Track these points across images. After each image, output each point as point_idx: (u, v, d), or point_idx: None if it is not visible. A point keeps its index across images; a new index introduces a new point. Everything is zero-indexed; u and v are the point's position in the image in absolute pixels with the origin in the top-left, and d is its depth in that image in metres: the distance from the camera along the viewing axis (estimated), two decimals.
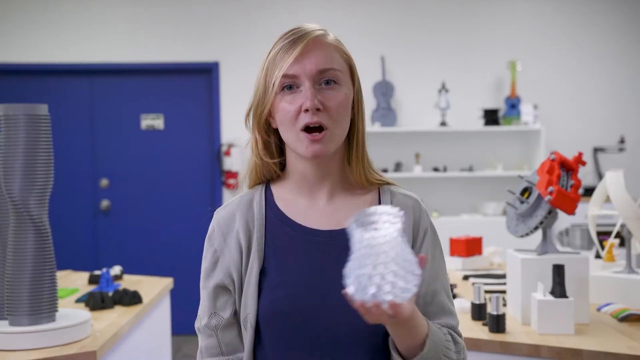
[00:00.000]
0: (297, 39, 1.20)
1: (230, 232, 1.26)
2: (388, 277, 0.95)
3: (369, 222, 1.00)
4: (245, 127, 1.29)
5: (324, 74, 1.20)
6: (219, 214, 1.29)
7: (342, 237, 1.18)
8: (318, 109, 1.18)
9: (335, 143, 1.21)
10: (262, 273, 1.22)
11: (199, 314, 1.31)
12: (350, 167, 1.27)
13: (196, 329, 1.31)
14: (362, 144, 1.27)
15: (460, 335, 1.25)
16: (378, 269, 0.96)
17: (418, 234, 1.24)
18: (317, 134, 1.18)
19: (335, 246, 1.22)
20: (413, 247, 1.23)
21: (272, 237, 1.24)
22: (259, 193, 1.29)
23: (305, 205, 1.27)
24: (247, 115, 1.27)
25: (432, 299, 1.23)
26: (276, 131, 1.26)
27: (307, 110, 1.18)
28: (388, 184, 1.31)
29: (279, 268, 1.22)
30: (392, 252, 0.96)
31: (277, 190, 1.29)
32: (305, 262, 1.22)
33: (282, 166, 1.31)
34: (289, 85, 1.20)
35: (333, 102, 1.19)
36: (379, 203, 1.27)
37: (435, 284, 1.24)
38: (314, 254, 1.22)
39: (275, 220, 1.26)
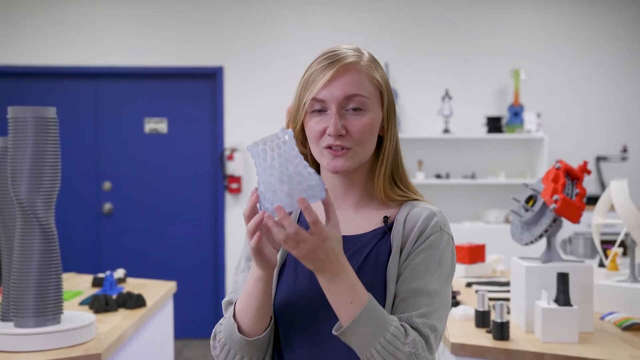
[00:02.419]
0: (330, 63, 1.26)
1: None
2: (275, 187, 1.08)
3: (262, 148, 1.11)
4: None
5: (350, 100, 1.26)
6: None
7: (355, 241, 1.29)
8: (341, 135, 1.25)
9: (358, 160, 1.28)
10: (282, 268, 1.32)
11: (231, 290, 1.37)
12: (374, 182, 1.33)
13: (225, 303, 1.36)
14: (387, 163, 1.32)
15: (422, 332, 1.19)
16: (272, 180, 1.08)
17: (418, 240, 1.26)
18: (339, 150, 1.26)
19: (345, 250, 1.27)
20: (410, 251, 1.26)
21: None
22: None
23: None
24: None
25: (408, 296, 1.22)
26: None
27: (330, 135, 1.25)
28: (415, 199, 1.34)
29: (293, 267, 1.30)
30: (285, 164, 1.08)
31: None
32: None
33: None
34: (319, 109, 1.27)
35: (357, 128, 1.26)
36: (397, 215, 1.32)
37: (416, 284, 1.22)
38: None
39: (305, 223, 1.34)
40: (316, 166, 1.39)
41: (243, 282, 1.34)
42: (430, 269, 1.24)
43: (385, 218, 1.31)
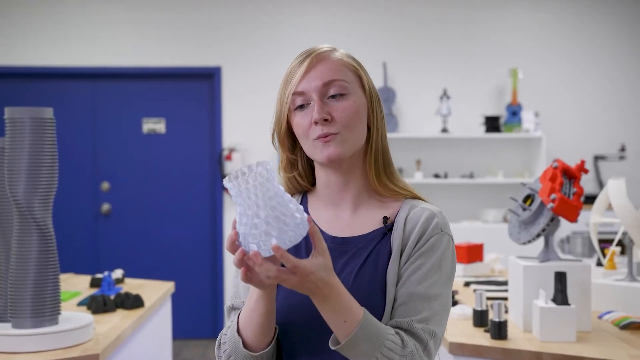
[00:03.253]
0: (304, 57, 1.27)
1: None
2: (260, 227, 1.03)
3: (242, 178, 1.07)
4: (274, 148, 1.37)
5: (329, 86, 1.26)
6: None
7: (354, 243, 1.28)
8: (326, 120, 1.24)
9: (349, 146, 1.26)
10: None
11: (233, 294, 1.35)
12: (368, 174, 1.32)
13: (228, 308, 1.34)
14: (376, 151, 1.31)
15: (421, 338, 1.19)
16: (250, 221, 1.03)
17: (418, 243, 1.25)
18: (329, 137, 1.25)
19: (345, 253, 1.28)
20: (410, 254, 1.25)
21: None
22: (297, 201, 1.37)
23: (331, 214, 1.33)
24: (272, 136, 1.34)
25: (407, 300, 1.21)
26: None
27: (317, 123, 1.24)
28: (416, 197, 1.33)
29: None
30: (262, 203, 1.02)
31: (311, 200, 1.38)
32: None
33: (314, 182, 1.38)
34: (301, 104, 1.27)
35: (341, 112, 1.25)
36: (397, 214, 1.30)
37: (416, 289, 1.21)
38: None
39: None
40: (310, 167, 1.37)
41: (244, 286, 1.32)
42: (430, 272, 1.23)
43: (385, 219, 1.29)
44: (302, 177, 1.37)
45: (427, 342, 1.19)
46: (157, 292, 2.93)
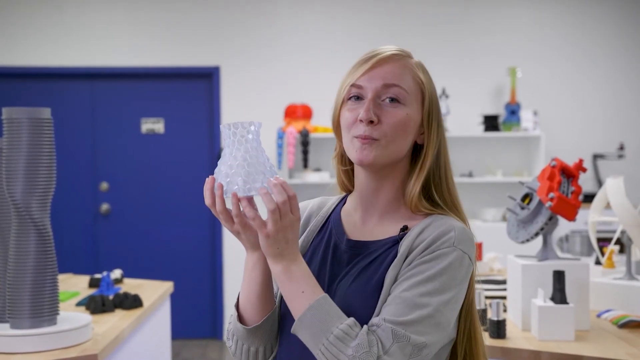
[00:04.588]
0: (373, 55, 1.26)
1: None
2: (233, 168, 1.14)
3: (233, 126, 1.16)
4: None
5: (388, 90, 1.23)
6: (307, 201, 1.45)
7: (365, 247, 1.27)
8: (372, 122, 1.21)
9: (385, 155, 1.23)
10: None
11: None
12: (405, 190, 1.28)
13: None
14: (425, 172, 1.26)
15: (384, 337, 1.12)
16: (228, 170, 1.15)
17: (425, 251, 1.20)
18: (368, 140, 1.22)
19: (356, 255, 1.27)
20: (413, 259, 1.20)
21: (320, 238, 1.33)
22: (335, 199, 1.40)
23: (360, 217, 1.32)
24: (333, 124, 1.34)
25: (392, 301, 1.16)
26: None
27: (362, 121, 1.22)
28: (443, 214, 1.27)
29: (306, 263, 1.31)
30: (240, 156, 1.14)
31: (348, 202, 1.37)
32: (321, 266, 1.29)
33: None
34: (356, 96, 1.25)
35: (389, 119, 1.22)
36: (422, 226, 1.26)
37: (404, 293, 1.16)
38: (333, 260, 1.28)
39: (331, 225, 1.34)
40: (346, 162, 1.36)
41: None
42: (426, 281, 1.16)
43: (404, 227, 1.25)
44: (349, 174, 1.36)
45: (391, 344, 1.11)
46: (156, 292, 2.93)
